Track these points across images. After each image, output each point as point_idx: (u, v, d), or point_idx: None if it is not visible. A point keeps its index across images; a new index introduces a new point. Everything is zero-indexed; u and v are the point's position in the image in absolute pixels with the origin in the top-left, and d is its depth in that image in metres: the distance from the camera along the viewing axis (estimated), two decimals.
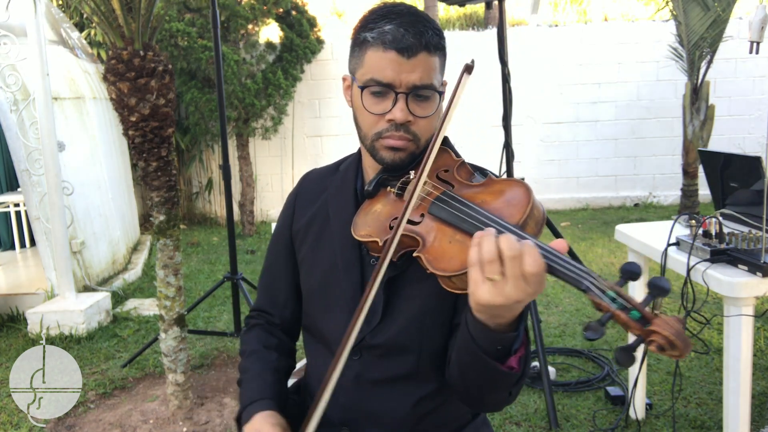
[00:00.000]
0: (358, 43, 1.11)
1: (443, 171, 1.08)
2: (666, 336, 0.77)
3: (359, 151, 1.26)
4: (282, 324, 1.32)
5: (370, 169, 1.21)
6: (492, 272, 0.82)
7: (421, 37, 1.03)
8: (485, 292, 0.83)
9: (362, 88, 1.09)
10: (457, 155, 1.15)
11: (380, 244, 1.04)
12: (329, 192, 1.24)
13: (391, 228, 1.05)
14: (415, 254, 0.98)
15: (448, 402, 1.18)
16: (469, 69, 1.00)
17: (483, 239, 0.84)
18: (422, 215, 1.02)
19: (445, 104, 1.06)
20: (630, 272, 0.82)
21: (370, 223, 1.08)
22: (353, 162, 1.26)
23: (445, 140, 1.21)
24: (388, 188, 1.12)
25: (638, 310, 0.79)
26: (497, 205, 0.96)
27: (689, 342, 0.78)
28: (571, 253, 3.07)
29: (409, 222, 1.01)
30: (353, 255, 1.16)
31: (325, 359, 1.20)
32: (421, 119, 1.08)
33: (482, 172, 1.14)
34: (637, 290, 2.46)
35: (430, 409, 1.16)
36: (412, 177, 1.11)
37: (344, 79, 1.19)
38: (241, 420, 1.19)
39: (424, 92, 1.06)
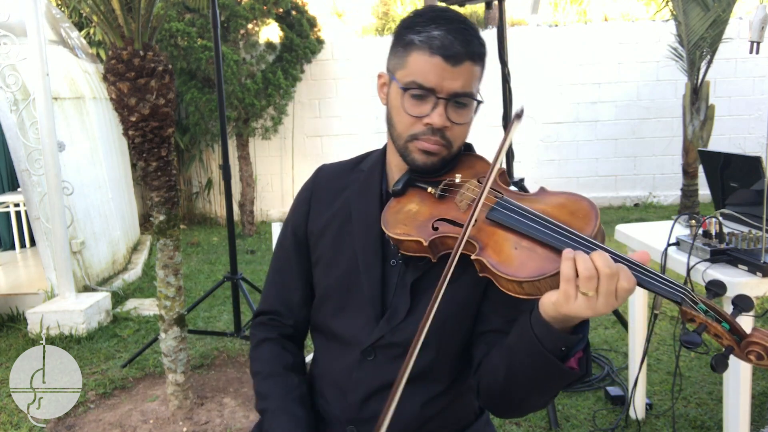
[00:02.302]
0: (403, 44, 1.09)
1: (483, 177, 1.10)
2: (765, 346, 0.85)
3: (383, 149, 1.24)
4: (294, 326, 1.29)
5: (396, 168, 1.19)
6: (588, 288, 0.86)
7: (468, 45, 1.05)
8: (577, 306, 0.87)
9: (404, 89, 1.08)
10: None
11: (425, 244, 1.04)
12: (351, 191, 1.22)
13: (434, 229, 1.05)
14: (474, 257, 0.99)
15: (455, 403, 1.19)
16: (519, 117, 1.00)
17: (578, 255, 0.87)
18: (475, 220, 1.02)
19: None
20: (719, 286, 0.92)
21: (406, 222, 1.08)
22: (377, 161, 1.23)
23: (470, 147, 1.24)
24: (429, 189, 1.12)
25: (729, 323, 0.87)
26: (562, 217, 0.98)
27: None
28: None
29: (459, 225, 1.03)
30: (375, 256, 1.15)
31: (338, 359, 1.19)
32: (457, 125, 1.09)
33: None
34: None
35: (437, 410, 1.16)
36: (457, 181, 1.11)
37: (380, 76, 1.18)
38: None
39: (463, 99, 1.07)
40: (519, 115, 0.99)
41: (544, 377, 0.97)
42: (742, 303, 0.88)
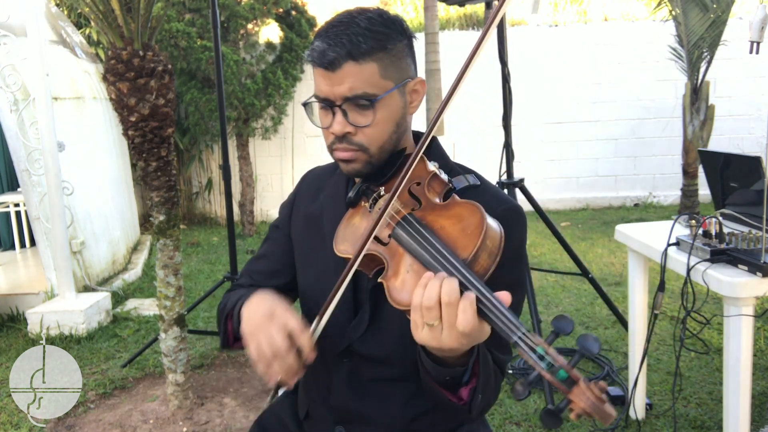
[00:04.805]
0: None
1: (416, 184, 1.04)
2: (583, 408, 0.76)
3: None
4: None
5: None
6: (430, 318, 0.84)
7: (343, 47, 1.01)
8: (423, 336, 0.86)
9: (306, 104, 1.11)
10: (441, 159, 1.13)
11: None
12: (324, 194, 1.24)
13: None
14: (379, 280, 0.97)
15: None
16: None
17: (429, 283, 0.85)
18: (389, 236, 0.99)
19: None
20: (560, 328, 0.81)
21: (348, 238, 1.07)
22: None
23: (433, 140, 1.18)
24: (362, 202, 1.10)
25: (565, 370, 0.78)
26: (453, 234, 0.93)
27: (607, 413, 0.76)
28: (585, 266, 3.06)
29: (378, 241, 1.00)
30: (344, 260, 1.15)
31: (319, 359, 1.20)
32: (364, 128, 1.06)
33: (466, 174, 1.12)
34: (640, 304, 2.46)
35: (423, 408, 1.16)
36: (382, 193, 1.08)
37: None
38: (232, 317, 1.14)
39: (361, 101, 1.04)
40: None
41: (438, 401, 0.98)
42: (584, 346, 0.78)
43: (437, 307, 0.83)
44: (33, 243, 5.07)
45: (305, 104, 1.12)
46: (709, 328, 3.12)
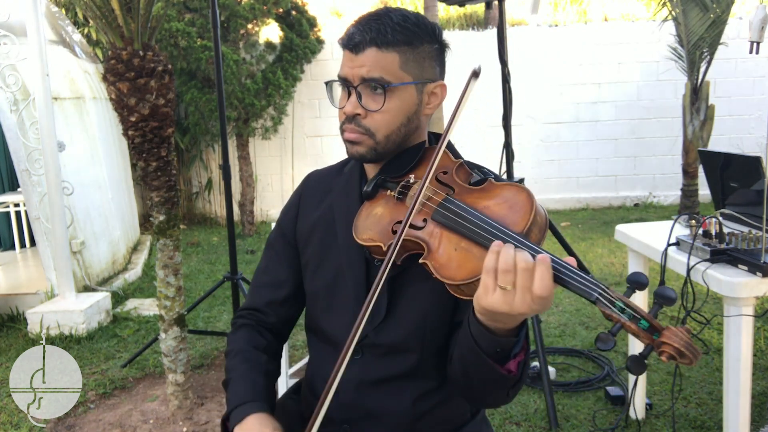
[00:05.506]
0: None
1: (442, 173, 1.09)
2: (676, 347, 0.80)
3: None
4: (276, 324, 1.30)
5: (371, 169, 1.22)
6: (505, 281, 0.85)
7: (370, 33, 1.08)
8: (494, 300, 0.86)
9: (328, 83, 1.18)
10: (456, 155, 1.15)
11: (384, 249, 1.05)
12: (334, 193, 1.25)
13: (394, 233, 1.05)
14: (421, 261, 0.99)
15: (449, 400, 1.19)
16: (476, 74, 1.01)
17: (503, 249, 0.87)
18: (425, 220, 1.02)
19: (451, 109, 1.07)
20: (637, 282, 0.85)
21: (371, 227, 1.09)
22: (357, 163, 1.26)
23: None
24: (389, 192, 1.12)
25: (647, 320, 0.82)
26: (501, 212, 0.97)
27: (698, 351, 0.81)
28: (580, 266, 3.09)
29: (413, 227, 1.02)
30: (358, 256, 1.16)
31: (328, 357, 1.20)
32: (374, 113, 1.10)
33: (480, 169, 1.14)
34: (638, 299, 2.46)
35: (430, 406, 1.17)
36: (412, 181, 1.11)
37: None
38: (228, 421, 1.16)
39: (373, 84, 1.09)
40: (476, 74, 1.01)
41: (485, 376, 0.98)
42: (663, 297, 0.83)
43: (513, 272, 0.85)
44: (33, 243, 5.07)
45: (327, 83, 1.19)
46: (709, 328, 3.12)
